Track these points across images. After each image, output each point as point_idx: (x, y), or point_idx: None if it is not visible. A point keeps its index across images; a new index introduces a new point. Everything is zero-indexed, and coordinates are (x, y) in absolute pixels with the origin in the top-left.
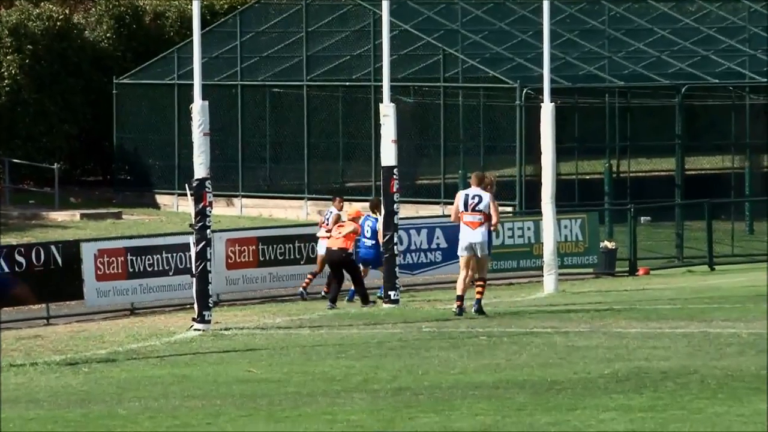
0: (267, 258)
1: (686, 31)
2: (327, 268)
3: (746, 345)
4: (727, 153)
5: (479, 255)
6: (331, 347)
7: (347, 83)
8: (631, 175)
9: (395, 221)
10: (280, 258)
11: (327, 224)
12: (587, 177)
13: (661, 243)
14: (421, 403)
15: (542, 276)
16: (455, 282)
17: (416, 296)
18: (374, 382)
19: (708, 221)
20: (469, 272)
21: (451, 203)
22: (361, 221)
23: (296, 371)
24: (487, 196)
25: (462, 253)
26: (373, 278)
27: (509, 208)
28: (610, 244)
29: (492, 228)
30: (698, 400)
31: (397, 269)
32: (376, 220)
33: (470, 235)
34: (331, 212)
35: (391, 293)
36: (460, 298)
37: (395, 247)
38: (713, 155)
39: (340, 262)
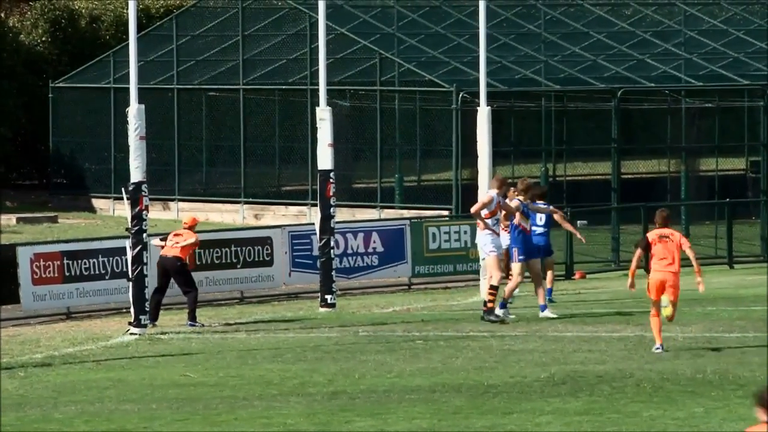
0: (203, 262)
1: (622, 35)
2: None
3: (681, 349)
4: (663, 157)
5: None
6: (267, 351)
7: (283, 87)
8: (567, 178)
9: (331, 225)
10: (216, 262)
11: None
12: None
13: (597, 247)
14: (357, 406)
15: (478, 280)
16: (391, 286)
17: (352, 300)
18: (310, 385)
19: (644, 225)
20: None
21: (388, 206)
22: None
23: (232, 375)
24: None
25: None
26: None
27: (446, 212)
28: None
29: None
30: (634, 404)
31: (333, 273)
32: (547, 204)
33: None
34: None
35: (328, 297)
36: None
37: (331, 251)
38: (649, 159)
39: (175, 271)
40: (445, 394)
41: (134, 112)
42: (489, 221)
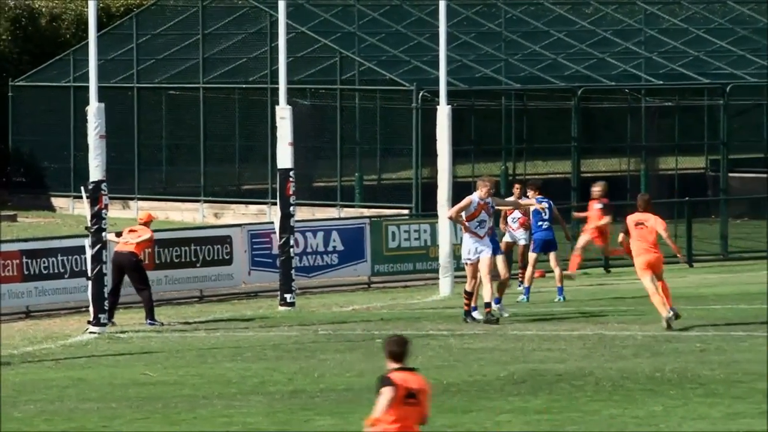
0: (163, 261)
1: (582, 34)
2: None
3: (641, 347)
4: (623, 155)
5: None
6: (227, 350)
7: (244, 85)
8: (527, 177)
9: (291, 224)
10: (176, 261)
11: None
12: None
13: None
14: (317, 405)
15: (438, 278)
16: (351, 284)
17: (312, 299)
18: (270, 384)
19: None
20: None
21: (348, 205)
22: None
23: (192, 374)
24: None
25: None
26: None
27: (405, 211)
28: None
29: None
30: (593, 402)
31: (293, 272)
32: (549, 200)
33: None
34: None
35: (287, 296)
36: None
37: (291, 249)
38: (609, 158)
39: (130, 268)
40: None
41: (94, 110)
42: (471, 224)
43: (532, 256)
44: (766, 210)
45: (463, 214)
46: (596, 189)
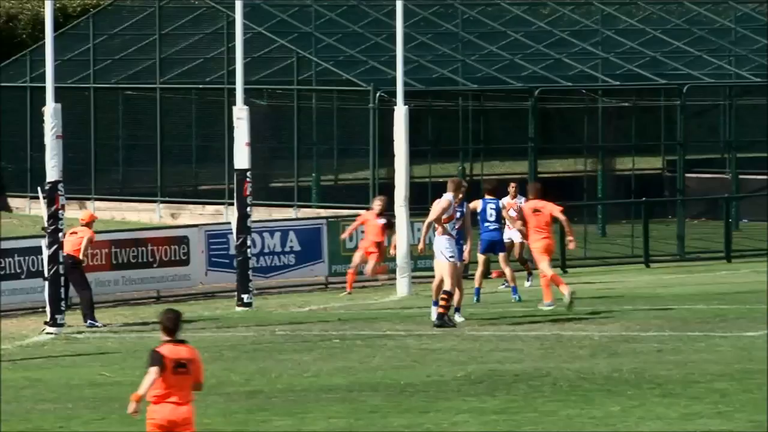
0: (120, 261)
1: (539, 34)
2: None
3: (598, 347)
4: (580, 156)
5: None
6: None
7: (201, 86)
8: (484, 177)
9: (248, 224)
10: (133, 261)
11: None
12: (441, 180)
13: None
14: (274, 406)
15: (396, 279)
16: (308, 285)
17: (269, 299)
18: (228, 385)
19: (560, 224)
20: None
21: (305, 206)
22: (482, 205)
23: None
24: (441, 198)
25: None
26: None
27: (362, 211)
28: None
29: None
30: (551, 403)
31: (250, 272)
32: (497, 201)
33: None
34: None
35: (244, 296)
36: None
37: (248, 250)
38: (566, 158)
39: (68, 269)
40: (362, 393)
41: (51, 111)
42: (447, 225)
43: (480, 257)
44: (723, 210)
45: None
46: (377, 203)
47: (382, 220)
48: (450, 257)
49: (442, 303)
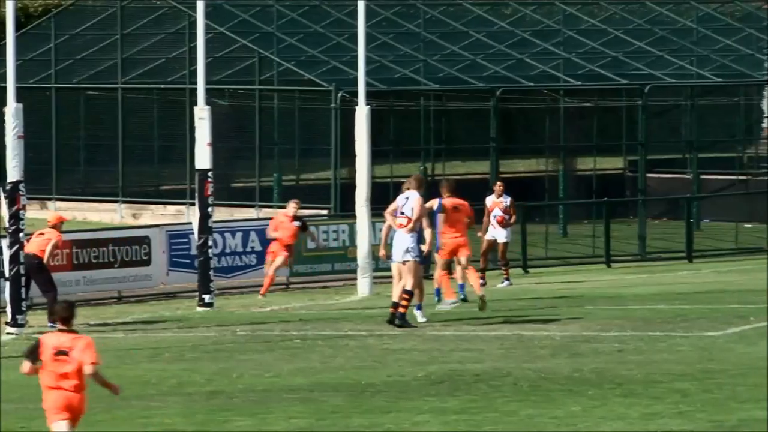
0: (81, 261)
1: (501, 34)
2: None
3: (559, 347)
4: (542, 156)
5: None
6: (146, 351)
7: (162, 86)
8: (446, 178)
9: (209, 224)
10: (94, 261)
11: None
12: (402, 180)
13: (475, 246)
14: (235, 406)
15: (357, 279)
16: (270, 285)
17: (231, 299)
18: (189, 385)
19: (522, 224)
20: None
21: (267, 206)
22: (438, 204)
23: (110, 375)
24: (415, 201)
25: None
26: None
27: (324, 211)
28: (424, 247)
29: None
30: (511, 403)
31: (211, 272)
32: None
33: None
34: None
35: (206, 296)
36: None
37: (209, 250)
38: (528, 158)
39: (34, 270)
40: (323, 394)
41: (12, 111)
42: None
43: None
44: (685, 211)
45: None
46: (292, 206)
47: (297, 223)
48: (416, 256)
49: (403, 303)
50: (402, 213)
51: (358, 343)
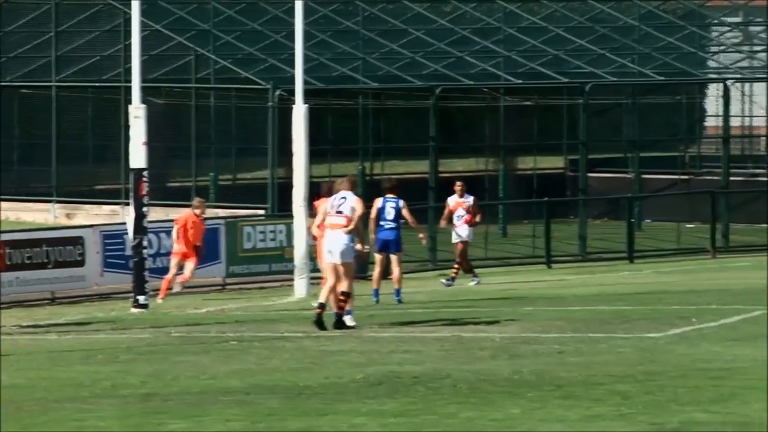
0: (14, 262)
1: (441, 32)
2: None
3: (499, 349)
4: (482, 155)
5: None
6: (79, 353)
7: (97, 84)
8: (384, 177)
9: (144, 225)
10: (27, 262)
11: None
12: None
13: (414, 246)
14: (170, 408)
15: (294, 280)
16: (205, 286)
17: (166, 300)
18: (123, 387)
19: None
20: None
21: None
22: (381, 203)
23: (43, 377)
24: (352, 200)
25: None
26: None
27: (261, 211)
28: (362, 248)
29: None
30: (450, 405)
31: (146, 273)
32: (398, 200)
33: (328, 240)
34: None
35: (140, 297)
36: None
37: (144, 250)
38: (468, 157)
39: None
40: (260, 396)
41: None
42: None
43: (377, 257)
44: (626, 210)
45: None
46: (197, 204)
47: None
48: (354, 257)
49: (341, 304)
50: (339, 212)
51: (295, 345)
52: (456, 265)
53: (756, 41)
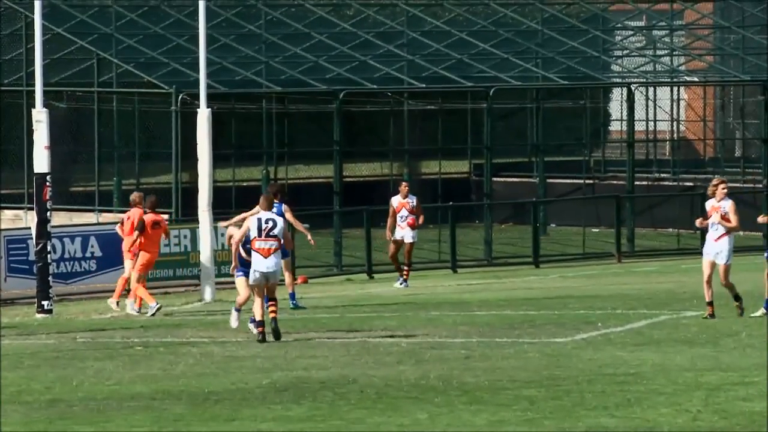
0: None
1: (344, 36)
2: None
3: (405, 354)
4: (386, 159)
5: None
6: None
7: None
8: (289, 181)
9: (48, 229)
10: None
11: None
12: (245, 184)
13: (319, 251)
14: (75, 414)
15: (199, 284)
16: (110, 291)
17: (70, 306)
18: (28, 393)
19: (367, 229)
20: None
21: (107, 210)
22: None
23: None
24: (281, 221)
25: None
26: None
27: (165, 216)
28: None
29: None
30: (357, 410)
31: (50, 278)
32: (280, 204)
33: (262, 263)
34: None
35: (45, 303)
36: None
37: (48, 255)
38: (372, 161)
39: None
40: (165, 402)
41: None
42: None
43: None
44: (531, 215)
45: None
46: (135, 198)
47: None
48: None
49: (273, 308)
50: (273, 236)
51: (201, 350)
52: (407, 267)
53: (659, 45)
